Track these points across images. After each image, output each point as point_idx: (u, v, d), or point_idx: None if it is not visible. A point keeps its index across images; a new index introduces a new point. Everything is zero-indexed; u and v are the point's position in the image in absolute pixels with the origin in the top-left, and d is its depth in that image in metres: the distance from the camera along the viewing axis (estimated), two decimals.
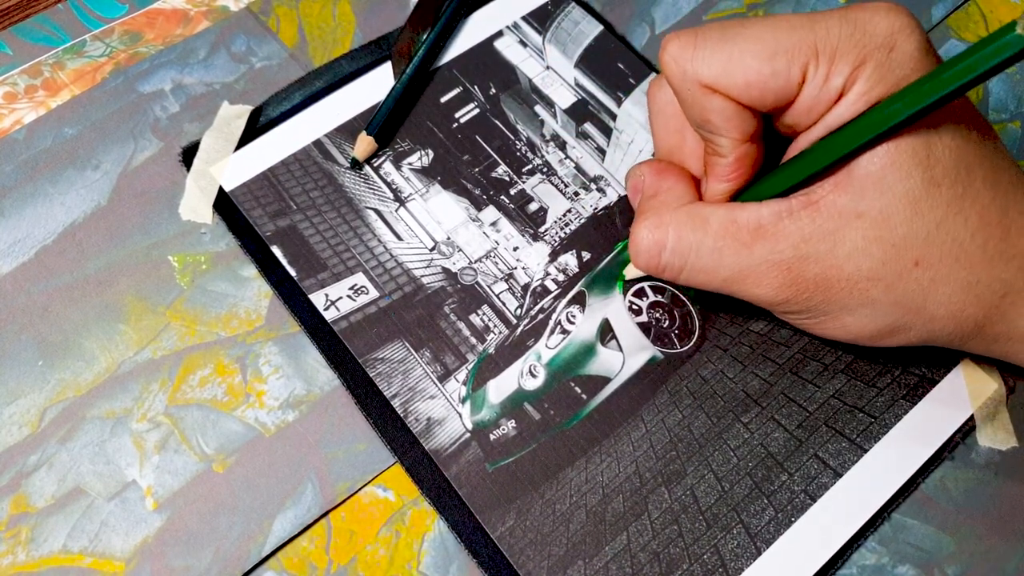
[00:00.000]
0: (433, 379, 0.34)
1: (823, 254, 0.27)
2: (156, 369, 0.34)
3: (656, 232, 0.30)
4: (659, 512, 0.32)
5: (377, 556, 0.31)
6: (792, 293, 0.28)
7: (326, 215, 0.37)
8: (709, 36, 0.27)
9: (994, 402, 0.34)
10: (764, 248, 0.28)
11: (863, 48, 0.26)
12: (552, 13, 0.43)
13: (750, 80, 0.26)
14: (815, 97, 0.26)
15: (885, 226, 0.26)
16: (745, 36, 0.27)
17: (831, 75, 0.26)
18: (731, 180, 0.29)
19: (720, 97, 0.27)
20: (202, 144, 0.38)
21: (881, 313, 0.28)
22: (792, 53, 0.26)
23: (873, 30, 0.26)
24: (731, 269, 0.29)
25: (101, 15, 0.42)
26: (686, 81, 0.27)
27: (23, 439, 0.32)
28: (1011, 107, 0.41)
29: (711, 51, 0.27)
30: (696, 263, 0.29)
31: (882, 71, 0.26)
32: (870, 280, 0.27)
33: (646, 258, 0.30)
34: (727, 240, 0.28)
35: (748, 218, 0.28)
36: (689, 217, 0.29)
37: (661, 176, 0.31)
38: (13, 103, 0.39)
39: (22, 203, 0.37)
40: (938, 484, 0.33)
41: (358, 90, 0.40)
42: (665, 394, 0.34)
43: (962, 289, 0.27)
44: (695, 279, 0.30)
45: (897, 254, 0.27)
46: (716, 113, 0.27)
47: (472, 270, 0.36)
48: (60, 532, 0.31)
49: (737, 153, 0.28)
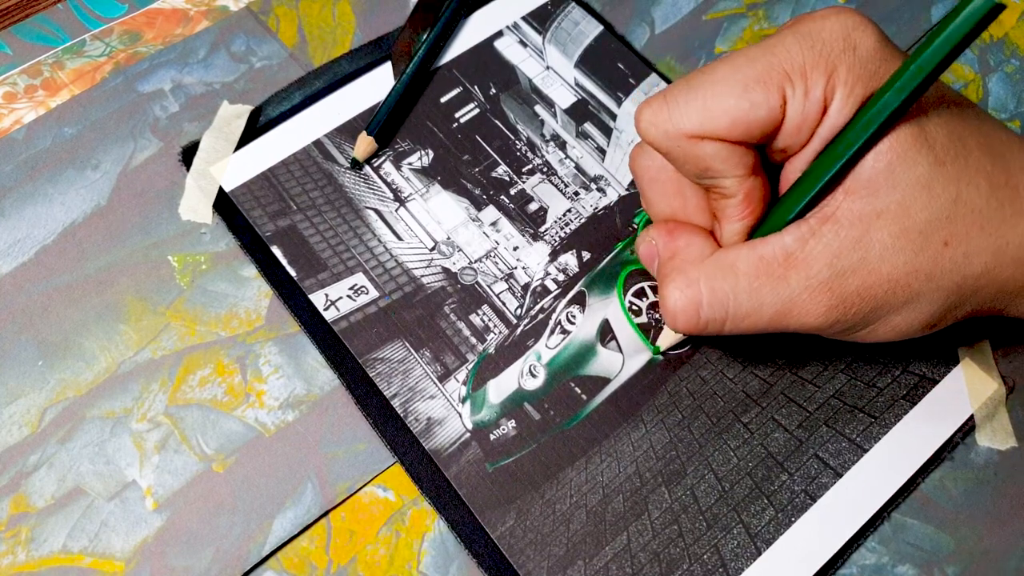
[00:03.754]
0: (433, 379, 0.34)
1: (858, 264, 0.27)
2: (156, 369, 0.34)
3: (688, 291, 0.29)
4: (659, 512, 0.32)
5: (377, 556, 0.31)
6: (840, 313, 0.28)
7: (326, 215, 0.37)
8: (677, 92, 0.27)
9: (994, 402, 0.34)
10: (800, 275, 0.27)
11: (828, 56, 0.26)
12: (552, 13, 0.43)
13: (733, 118, 0.26)
14: (801, 115, 0.26)
15: (907, 217, 0.26)
16: (711, 80, 0.27)
17: (809, 90, 0.26)
18: (745, 217, 0.29)
19: (710, 142, 0.27)
20: (202, 144, 0.38)
21: (927, 303, 0.28)
22: (763, 81, 0.26)
23: (829, 36, 0.26)
24: (774, 306, 0.28)
25: (101, 15, 0.42)
26: (672, 139, 0.27)
27: (23, 439, 0.32)
28: (1011, 107, 0.41)
29: (684, 103, 0.27)
30: (737, 310, 0.29)
31: (855, 71, 0.26)
32: (908, 274, 0.27)
33: (684, 319, 0.29)
34: (761, 279, 0.28)
35: (774, 250, 0.28)
36: (716, 267, 0.29)
37: (673, 236, 0.30)
38: (13, 103, 0.39)
39: (22, 203, 0.37)
40: (938, 484, 0.33)
41: (358, 90, 0.40)
42: (665, 394, 0.34)
43: (994, 255, 0.27)
44: (741, 326, 0.29)
45: (926, 240, 0.27)
46: (712, 158, 0.27)
47: (472, 270, 0.36)
48: (60, 532, 0.31)
49: (744, 189, 0.28)
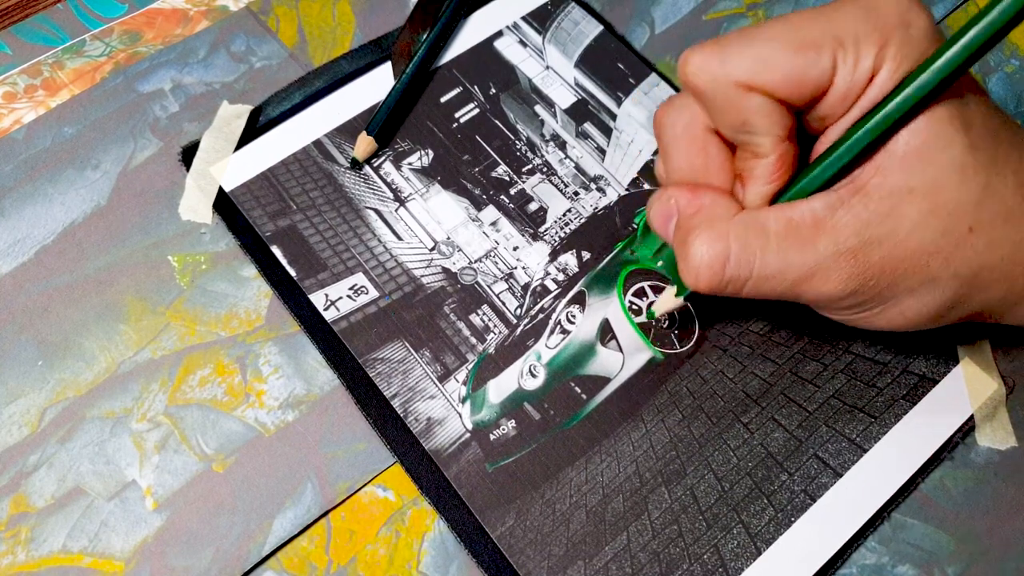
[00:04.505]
0: (433, 379, 0.34)
1: (885, 235, 0.27)
2: (156, 369, 0.34)
3: (716, 245, 0.28)
4: (659, 512, 0.32)
5: (377, 556, 0.31)
6: (859, 283, 0.28)
7: (326, 215, 0.37)
8: (731, 41, 0.27)
9: (994, 402, 0.34)
10: (828, 241, 0.27)
11: (882, 29, 0.26)
12: (552, 13, 0.43)
13: (787, 73, 0.26)
14: (848, 83, 0.27)
15: (938, 196, 0.26)
16: (768, 36, 0.27)
17: (859, 59, 0.26)
18: (773, 180, 0.28)
19: (759, 95, 0.27)
20: (202, 144, 0.38)
21: (940, 289, 0.28)
22: (818, 44, 0.26)
23: (886, 11, 0.26)
24: (799, 269, 0.28)
25: (100, 15, 0.42)
26: (720, 85, 0.27)
27: (23, 439, 0.32)
28: (1011, 107, 0.41)
29: (738, 53, 0.27)
30: (763, 270, 0.28)
31: (905, 49, 0.26)
32: (931, 254, 0.27)
33: (709, 274, 0.28)
34: (790, 240, 0.28)
35: (803, 215, 0.28)
36: (746, 224, 0.28)
37: (697, 194, 0.30)
38: (12, 103, 0.39)
39: (22, 203, 0.37)
40: (938, 484, 0.33)
41: (358, 90, 0.40)
42: (665, 394, 0.34)
43: (1012, 249, 0.27)
44: (762, 288, 0.29)
45: (953, 222, 0.27)
46: (755, 112, 0.27)
47: (472, 270, 0.36)
48: (60, 532, 0.31)
49: (779, 150, 0.28)
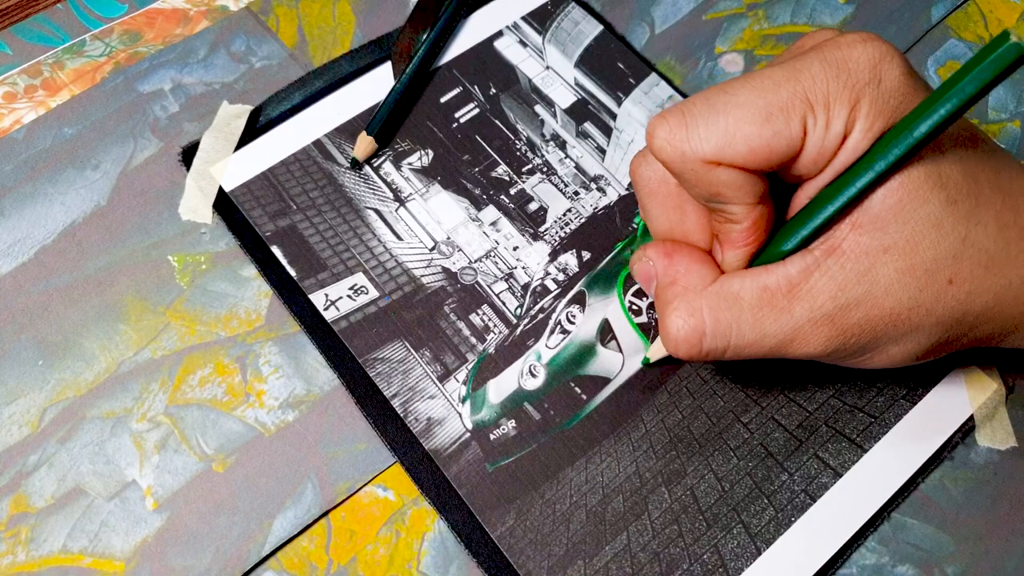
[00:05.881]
0: (433, 379, 0.34)
1: (861, 297, 0.27)
2: (156, 369, 0.34)
3: (692, 320, 0.29)
4: (659, 512, 0.32)
5: (377, 556, 0.31)
6: (840, 343, 0.28)
7: (326, 215, 0.37)
8: (697, 111, 0.26)
9: (993, 402, 0.34)
10: (803, 307, 0.27)
11: (853, 87, 0.26)
12: (552, 13, 0.43)
13: (753, 146, 0.26)
14: (820, 147, 0.26)
15: (914, 254, 0.26)
16: (734, 103, 0.26)
17: (831, 122, 0.26)
18: (748, 244, 0.28)
19: (726, 169, 0.26)
20: (202, 144, 0.38)
21: (925, 336, 0.28)
22: (787, 109, 0.26)
23: (856, 66, 0.26)
24: (776, 337, 0.28)
25: (101, 15, 0.42)
26: (687, 162, 0.26)
27: (23, 439, 0.32)
28: (1011, 107, 0.41)
29: (705, 126, 0.26)
30: (739, 340, 0.28)
31: (878, 106, 0.26)
32: (911, 309, 0.27)
33: (687, 347, 0.29)
34: (764, 310, 0.28)
35: (778, 281, 0.28)
36: (720, 297, 0.28)
37: (672, 259, 0.30)
38: (13, 103, 0.39)
39: (22, 203, 0.37)
40: (938, 484, 0.33)
41: (358, 90, 0.40)
42: (665, 394, 0.34)
43: (996, 295, 0.27)
44: (742, 355, 0.29)
45: (931, 278, 0.27)
46: (725, 185, 0.26)
47: (472, 270, 0.36)
48: (60, 532, 0.31)
49: (752, 217, 0.28)
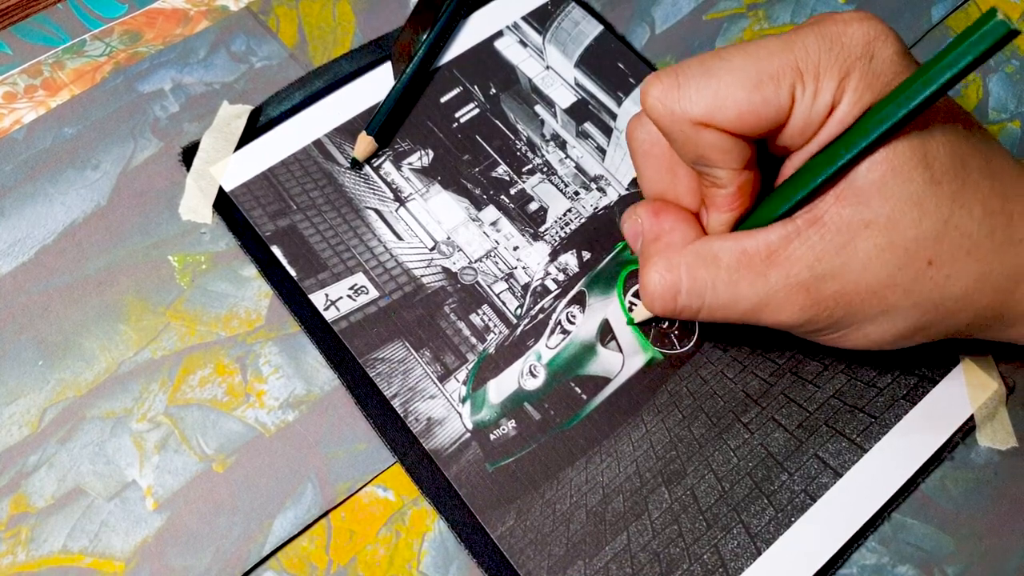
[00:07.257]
0: (433, 379, 0.34)
1: (838, 269, 0.27)
2: (156, 369, 0.34)
3: (668, 275, 0.29)
4: (659, 512, 0.32)
5: (377, 556, 0.31)
6: (813, 313, 0.28)
7: (326, 215, 0.37)
8: (691, 73, 0.27)
9: (994, 402, 0.34)
10: (779, 273, 0.28)
11: (844, 61, 0.26)
12: (552, 13, 0.43)
13: (741, 111, 0.26)
14: (807, 116, 0.26)
15: (894, 231, 0.26)
16: (727, 68, 0.26)
17: (819, 92, 0.26)
18: (733, 209, 0.29)
19: (714, 131, 0.27)
20: (202, 144, 0.38)
21: (901, 318, 0.28)
22: (777, 77, 0.26)
23: (850, 41, 0.26)
24: (750, 300, 0.28)
25: (101, 15, 0.42)
26: (676, 121, 0.27)
27: (23, 439, 0.32)
28: (1011, 107, 0.41)
29: (696, 88, 0.26)
30: (713, 300, 0.29)
31: (867, 80, 0.26)
32: (888, 287, 0.27)
33: (662, 302, 0.30)
34: (741, 272, 0.28)
35: (757, 246, 0.28)
36: (699, 255, 0.29)
37: (659, 217, 0.31)
38: (13, 103, 0.39)
39: (22, 203, 0.37)
40: (938, 484, 0.33)
41: (358, 90, 0.40)
42: (665, 394, 0.34)
43: (976, 281, 0.27)
44: (714, 316, 0.30)
45: (910, 257, 0.27)
46: (711, 147, 0.27)
47: (472, 270, 0.36)
48: (60, 532, 0.31)
49: (737, 182, 0.28)
